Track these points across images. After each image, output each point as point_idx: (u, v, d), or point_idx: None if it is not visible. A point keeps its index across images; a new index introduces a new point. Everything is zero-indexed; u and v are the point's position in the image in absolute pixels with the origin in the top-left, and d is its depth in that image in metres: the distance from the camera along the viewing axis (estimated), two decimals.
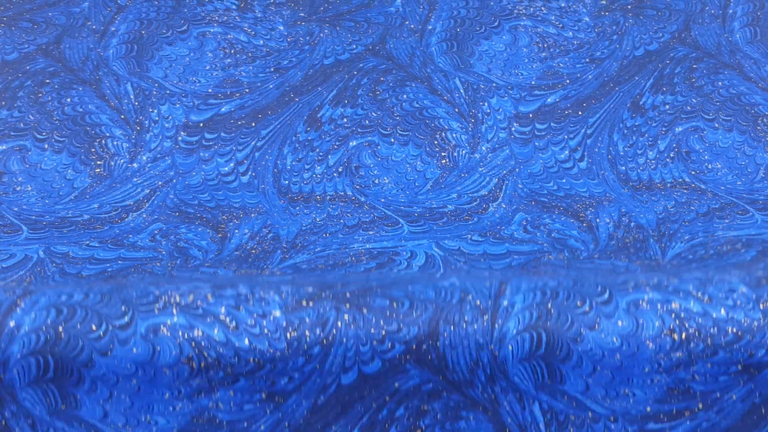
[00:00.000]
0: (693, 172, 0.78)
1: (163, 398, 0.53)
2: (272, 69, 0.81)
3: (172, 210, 0.71)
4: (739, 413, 0.55)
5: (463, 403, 0.55)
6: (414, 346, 0.53)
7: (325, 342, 0.53)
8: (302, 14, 0.86)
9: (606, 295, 0.54)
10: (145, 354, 0.52)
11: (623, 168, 0.79)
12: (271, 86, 0.79)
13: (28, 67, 0.77)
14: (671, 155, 0.80)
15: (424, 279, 0.56)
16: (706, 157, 0.79)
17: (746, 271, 0.57)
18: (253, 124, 0.80)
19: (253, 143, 0.79)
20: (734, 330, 0.52)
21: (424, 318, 0.53)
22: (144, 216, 0.70)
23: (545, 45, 0.85)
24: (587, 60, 0.84)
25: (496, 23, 0.86)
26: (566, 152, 0.80)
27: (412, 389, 0.54)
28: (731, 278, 0.55)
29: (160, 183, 0.75)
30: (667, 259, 0.67)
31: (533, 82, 0.81)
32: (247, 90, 0.78)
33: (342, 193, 0.75)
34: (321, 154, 0.79)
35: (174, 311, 0.52)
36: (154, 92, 0.77)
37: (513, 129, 0.81)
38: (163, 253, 0.65)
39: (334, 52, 0.84)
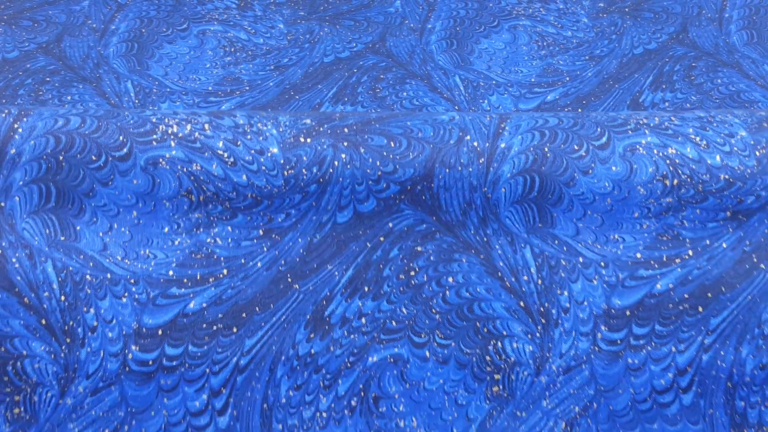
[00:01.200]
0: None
1: (162, 232, 0.56)
2: (272, 67, 0.82)
3: None
4: (730, 261, 0.57)
5: (455, 245, 0.58)
6: (409, 187, 0.56)
7: (321, 180, 0.56)
8: (302, 13, 0.89)
9: (604, 139, 0.57)
10: (145, 186, 0.55)
11: None
12: (271, 84, 0.80)
13: (28, 65, 0.79)
14: None
15: (422, 114, 0.61)
16: None
17: (749, 112, 0.62)
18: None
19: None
20: (726, 177, 0.56)
21: (421, 159, 0.56)
22: None
23: (545, 43, 0.88)
24: (587, 57, 0.86)
25: (495, 23, 0.89)
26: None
27: (406, 229, 0.57)
28: (733, 120, 0.59)
29: None
30: None
31: (533, 80, 0.83)
32: (247, 88, 0.79)
33: None
34: None
35: (172, 144, 0.55)
36: (155, 90, 0.77)
37: None
38: None
39: (334, 50, 0.86)
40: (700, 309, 0.57)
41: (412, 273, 0.57)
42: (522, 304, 0.57)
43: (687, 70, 0.84)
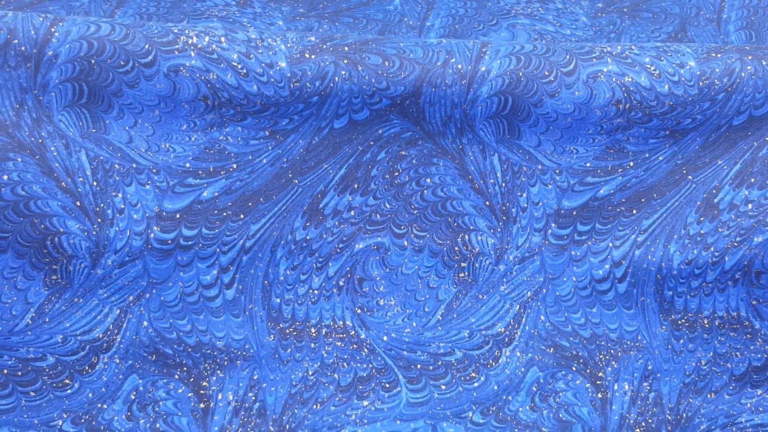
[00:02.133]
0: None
1: (181, 129, 0.73)
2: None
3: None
4: (663, 172, 0.77)
5: (435, 150, 0.76)
6: (398, 101, 0.74)
7: (322, 93, 0.73)
8: (301, 9, 0.97)
9: (571, 66, 0.75)
10: (167, 90, 0.72)
11: None
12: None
13: None
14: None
15: (414, 37, 0.77)
16: None
17: (701, 44, 0.77)
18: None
19: None
20: (670, 103, 0.74)
21: (410, 79, 0.73)
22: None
23: (543, 41, 0.95)
24: None
25: (494, 21, 0.97)
26: None
27: (393, 136, 0.75)
28: (685, 50, 0.75)
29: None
30: None
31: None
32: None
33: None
34: None
35: (192, 54, 0.72)
36: None
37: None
38: None
39: None
40: (635, 212, 0.75)
41: (396, 174, 0.75)
42: (488, 203, 0.75)
43: None
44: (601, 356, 0.74)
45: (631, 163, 0.77)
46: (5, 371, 0.70)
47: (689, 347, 0.73)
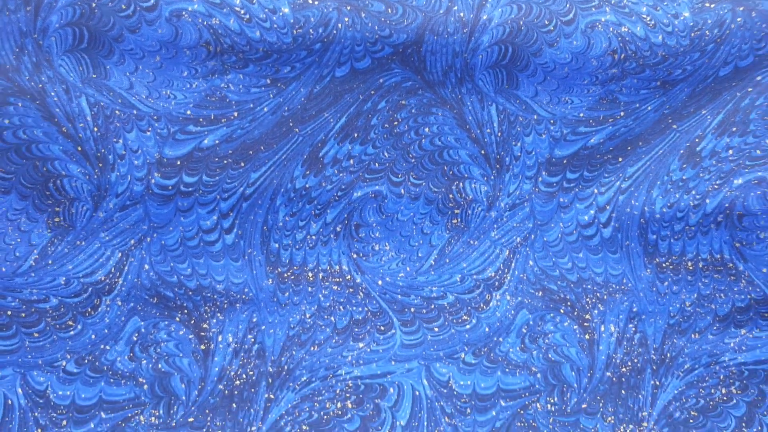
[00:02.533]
0: None
1: (182, 76, 0.74)
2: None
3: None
4: (651, 121, 0.79)
5: (434, 100, 0.78)
6: (401, 50, 0.75)
7: (325, 40, 0.74)
8: None
9: (571, 15, 0.76)
10: (168, 35, 0.72)
11: None
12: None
13: None
14: None
15: None
16: None
17: None
18: None
19: None
20: (663, 53, 0.77)
21: (413, 27, 0.74)
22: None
23: None
24: None
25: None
26: None
27: (394, 85, 0.77)
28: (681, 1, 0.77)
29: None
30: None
31: None
32: None
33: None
34: None
35: None
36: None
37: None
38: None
39: None
40: (620, 159, 0.78)
41: (395, 123, 0.77)
42: (483, 152, 0.77)
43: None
44: (587, 299, 0.78)
45: (622, 113, 0.79)
46: (9, 312, 0.71)
47: (673, 289, 0.76)
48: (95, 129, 0.72)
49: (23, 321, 0.71)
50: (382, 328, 0.77)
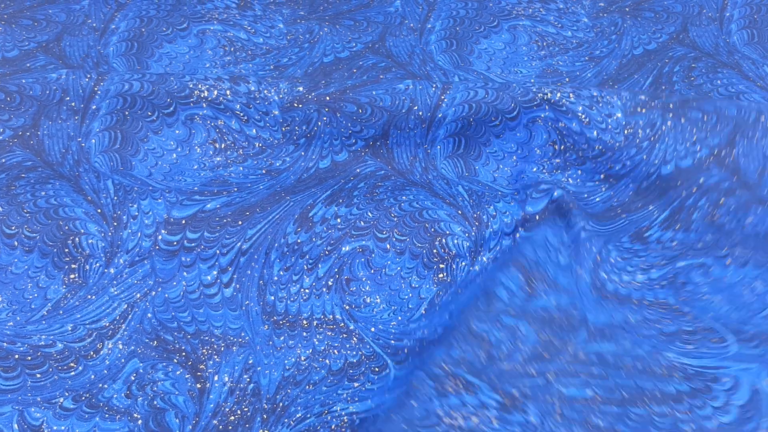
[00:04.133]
0: None
1: (193, 168, 0.89)
2: (272, 66, 0.96)
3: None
4: (600, 210, 0.86)
5: (406, 184, 0.88)
6: (371, 143, 0.89)
7: (308, 135, 0.90)
8: (302, 12, 1.02)
9: (515, 112, 0.88)
10: (184, 134, 0.89)
11: None
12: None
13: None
14: None
15: (385, 84, 0.89)
16: None
17: (632, 95, 0.87)
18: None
19: None
20: (600, 147, 0.87)
21: (380, 123, 0.89)
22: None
23: (544, 44, 0.99)
24: (586, 58, 0.98)
25: (495, 23, 1.01)
26: None
27: (369, 173, 0.88)
28: (616, 102, 0.87)
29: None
30: None
31: (533, 80, 0.95)
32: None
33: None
34: None
35: (204, 105, 0.89)
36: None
37: None
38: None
39: (334, 50, 0.98)
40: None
41: (375, 194, 0.85)
42: (460, 212, 0.83)
43: (686, 71, 0.95)
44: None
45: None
46: (17, 356, 0.75)
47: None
48: (115, 198, 0.84)
49: (28, 363, 0.75)
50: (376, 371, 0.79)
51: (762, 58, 0.97)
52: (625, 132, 0.85)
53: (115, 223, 0.82)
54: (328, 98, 0.88)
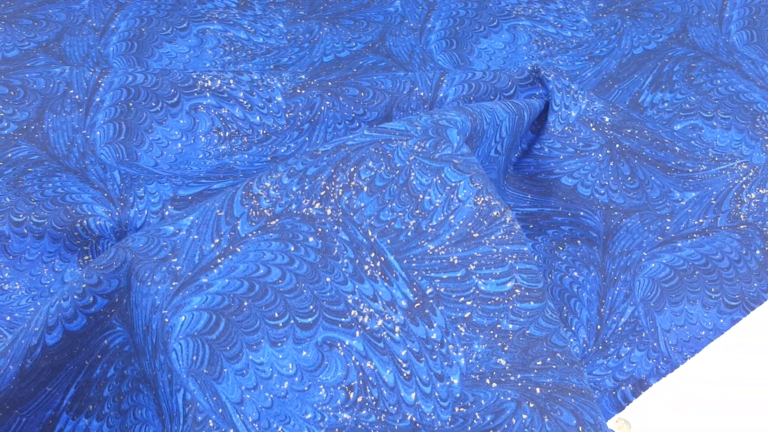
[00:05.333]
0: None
1: (198, 158, 0.89)
2: (272, 66, 0.97)
3: None
4: None
5: None
6: (375, 124, 0.88)
7: (312, 120, 0.90)
8: (302, 12, 1.03)
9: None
10: (188, 124, 0.90)
11: None
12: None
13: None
14: None
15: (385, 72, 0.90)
16: None
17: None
18: None
19: None
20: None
21: (382, 105, 0.90)
22: None
23: (544, 43, 1.00)
24: (586, 58, 0.99)
25: (494, 23, 1.02)
26: None
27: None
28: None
29: None
30: None
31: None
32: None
33: None
34: None
35: (207, 94, 0.90)
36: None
37: None
38: None
39: (334, 49, 0.99)
40: None
41: None
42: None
43: (686, 70, 0.96)
44: None
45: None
46: None
47: None
48: (122, 183, 0.84)
49: None
50: None
51: (761, 57, 0.97)
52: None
53: (122, 204, 0.82)
54: (330, 84, 0.89)
